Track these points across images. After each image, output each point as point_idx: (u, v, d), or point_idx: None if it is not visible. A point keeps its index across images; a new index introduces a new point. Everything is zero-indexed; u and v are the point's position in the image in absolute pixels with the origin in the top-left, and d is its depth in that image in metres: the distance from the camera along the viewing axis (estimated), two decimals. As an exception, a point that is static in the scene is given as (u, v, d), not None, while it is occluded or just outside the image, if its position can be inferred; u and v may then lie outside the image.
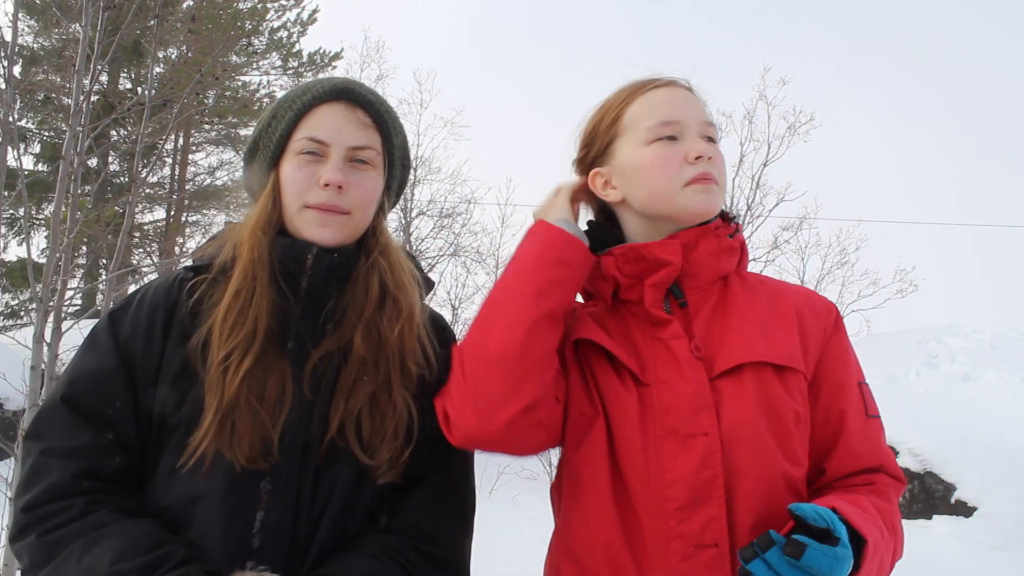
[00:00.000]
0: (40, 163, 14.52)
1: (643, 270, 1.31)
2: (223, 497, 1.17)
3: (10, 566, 4.88)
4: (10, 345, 8.20)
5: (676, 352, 1.26)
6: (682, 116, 1.31)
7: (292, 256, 1.25)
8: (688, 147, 1.29)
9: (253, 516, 1.17)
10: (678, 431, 1.21)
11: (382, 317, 1.28)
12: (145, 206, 14.51)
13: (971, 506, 7.44)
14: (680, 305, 1.32)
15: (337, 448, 1.22)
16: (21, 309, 14.66)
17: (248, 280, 1.23)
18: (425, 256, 14.11)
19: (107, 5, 5.61)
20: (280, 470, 1.19)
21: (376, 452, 1.23)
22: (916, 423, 8.19)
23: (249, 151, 1.35)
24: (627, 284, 1.33)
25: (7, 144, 5.54)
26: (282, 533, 1.18)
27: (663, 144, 1.30)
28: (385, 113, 1.33)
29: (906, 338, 11.21)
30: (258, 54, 16.41)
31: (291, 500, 1.19)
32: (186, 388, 1.21)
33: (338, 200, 1.25)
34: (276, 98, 1.39)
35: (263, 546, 1.17)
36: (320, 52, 17.20)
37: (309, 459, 1.21)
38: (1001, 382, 9.16)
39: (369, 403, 1.24)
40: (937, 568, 6.16)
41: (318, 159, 1.26)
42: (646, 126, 1.32)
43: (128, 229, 6.10)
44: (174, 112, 6.55)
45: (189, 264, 1.32)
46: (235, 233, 1.31)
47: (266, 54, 16.83)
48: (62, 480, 1.16)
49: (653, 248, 1.29)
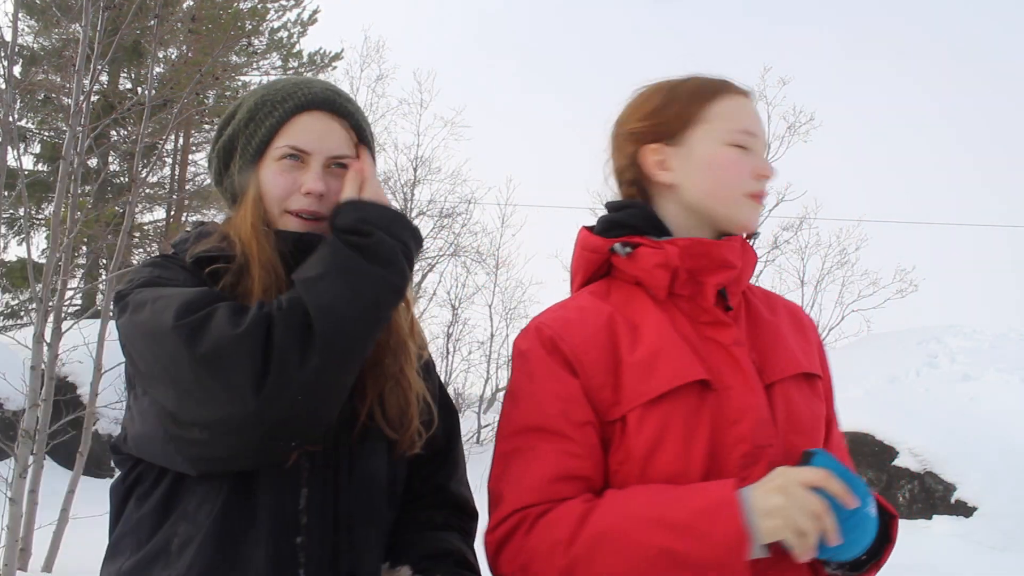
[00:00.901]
0: (40, 163, 14.54)
1: (704, 267, 1.27)
2: (274, 474, 1.18)
3: (10, 566, 4.89)
4: (10, 345, 8.19)
5: (739, 359, 1.23)
6: (759, 132, 1.34)
7: (302, 248, 1.25)
8: (759, 163, 1.31)
9: (298, 493, 1.20)
10: (748, 440, 1.18)
11: None
12: (145, 206, 14.51)
13: (971, 506, 7.44)
14: (726, 309, 1.30)
15: (367, 428, 1.26)
16: (21, 309, 14.68)
17: (272, 278, 1.24)
18: (425, 256, 14.12)
19: (107, 5, 5.62)
20: (316, 451, 1.21)
21: (402, 429, 1.28)
22: (916, 423, 8.19)
23: (224, 149, 1.34)
24: (684, 279, 1.28)
25: (7, 144, 5.54)
26: (326, 510, 1.21)
27: (738, 151, 1.31)
28: (363, 121, 1.37)
29: (906, 338, 11.21)
30: (258, 54, 16.43)
31: (330, 477, 1.22)
32: None
33: (319, 207, 1.28)
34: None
35: (310, 522, 1.20)
36: (320, 52, 17.22)
37: (342, 437, 1.24)
38: (1001, 382, 9.17)
39: (392, 383, 1.29)
40: (937, 568, 6.17)
41: (299, 165, 1.28)
42: (730, 127, 1.30)
43: (128, 229, 6.10)
44: (174, 112, 6.55)
45: (200, 255, 1.28)
46: (233, 233, 1.29)
47: (266, 54, 16.85)
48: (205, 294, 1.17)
49: (722, 247, 1.27)
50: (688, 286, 1.27)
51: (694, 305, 1.27)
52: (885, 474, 7.88)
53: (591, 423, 1.21)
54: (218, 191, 1.38)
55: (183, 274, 1.25)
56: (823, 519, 1.04)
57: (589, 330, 1.25)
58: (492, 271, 14.94)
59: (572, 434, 1.20)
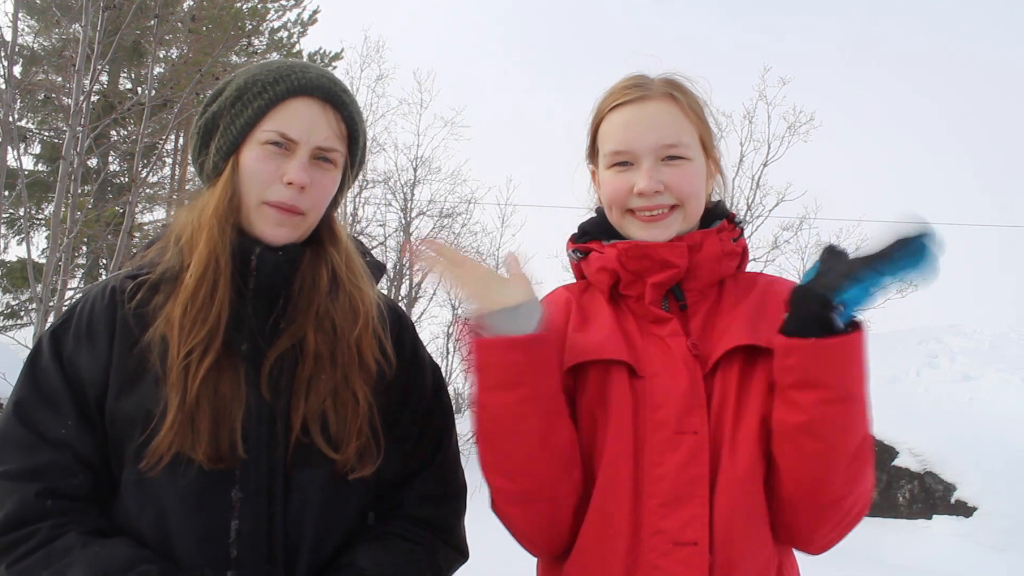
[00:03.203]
0: (40, 163, 14.52)
1: (646, 268, 1.31)
2: (195, 507, 1.13)
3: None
4: (10, 345, 8.20)
5: (673, 348, 1.27)
6: (635, 144, 1.31)
7: (237, 256, 1.20)
8: (636, 178, 1.31)
9: (228, 525, 1.14)
10: (668, 426, 1.22)
11: (336, 309, 1.25)
12: (145, 206, 14.49)
13: (971, 506, 7.44)
14: (680, 307, 1.33)
15: (304, 446, 1.19)
16: (21, 309, 14.66)
17: (210, 274, 1.18)
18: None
19: (107, 5, 5.62)
20: (249, 476, 1.16)
21: (343, 447, 1.20)
22: (916, 423, 8.19)
23: (205, 128, 1.27)
24: (628, 280, 1.33)
25: (7, 144, 5.54)
26: (259, 540, 1.15)
27: (617, 171, 1.33)
28: (356, 114, 1.28)
29: (906, 338, 11.20)
30: (258, 54, 16.40)
31: (263, 505, 1.16)
32: (143, 392, 1.17)
33: (297, 200, 1.21)
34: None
35: (242, 555, 1.14)
36: (320, 52, 17.21)
37: (276, 462, 1.18)
38: (1001, 382, 9.16)
39: (332, 399, 1.21)
40: (937, 568, 6.16)
41: (283, 153, 1.20)
42: (606, 151, 1.35)
43: (128, 229, 6.10)
44: (174, 112, 6.55)
45: (128, 272, 1.26)
46: (183, 229, 1.25)
47: (266, 54, 16.81)
48: (25, 502, 1.11)
49: (660, 249, 1.30)
50: (634, 287, 1.33)
51: (639, 304, 1.33)
52: (885, 474, 7.87)
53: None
54: (194, 169, 1.31)
55: (58, 369, 1.19)
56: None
57: (551, 310, 1.35)
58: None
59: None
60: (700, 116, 1.36)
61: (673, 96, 1.34)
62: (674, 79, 1.37)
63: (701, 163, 1.34)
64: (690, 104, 1.34)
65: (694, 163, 1.32)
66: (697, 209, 1.34)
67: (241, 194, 1.21)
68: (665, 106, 1.33)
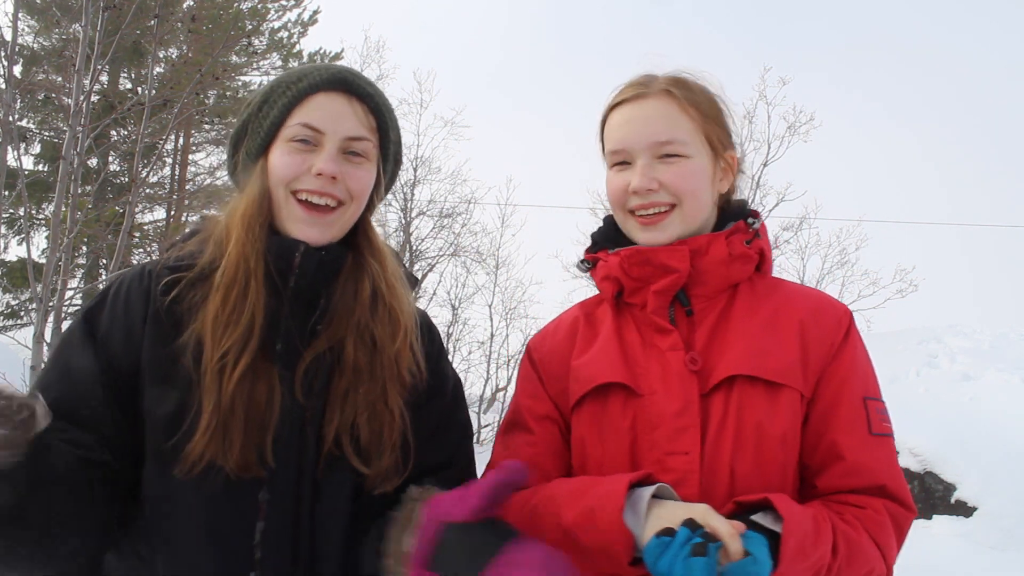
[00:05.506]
0: (40, 163, 14.50)
1: (649, 275, 1.27)
2: (220, 508, 1.13)
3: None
4: (10, 345, 8.20)
5: (671, 364, 1.23)
6: (630, 143, 1.29)
7: (279, 254, 1.19)
8: (631, 177, 1.29)
9: (253, 527, 1.14)
10: (660, 447, 1.19)
11: (376, 322, 1.23)
12: (145, 206, 14.48)
13: (971, 506, 7.43)
14: (687, 313, 1.28)
15: (334, 457, 1.18)
16: (21, 309, 14.65)
17: (241, 275, 1.17)
18: (425, 256, 14.10)
19: (107, 5, 5.62)
20: (277, 479, 1.15)
21: (375, 462, 1.19)
22: (916, 423, 8.18)
23: (236, 136, 1.27)
24: (632, 287, 1.30)
25: (7, 144, 5.54)
26: (283, 544, 1.15)
27: (617, 170, 1.32)
28: (383, 106, 1.27)
29: (906, 338, 11.20)
30: (258, 54, 16.39)
31: (290, 509, 1.15)
32: (174, 391, 1.15)
33: (331, 188, 1.19)
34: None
35: (265, 557, 1.14)
36: (320, 52, 17.19)
37: (306, 467, 1.17)
38: (1001, 382, 9.15)
39: (368, 412, 1.20)
40: (937, 568, 6.15)
41: (311, 148, 1.20)
42: (608, 150, 1.34)
43: (128, 229, 6.10)
44: (174, 112, 6.55)
45: (167, 262, 1.24)
46: (219, 228, 1.24)
47: (266, 54, 16.80)
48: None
49: (660, 253, 1.26)
50: (638, 295, 1.30)
51: (644, 313, 1.30)
52: (885, 474, 7.87)
53: (551, 418, 1.33)
54: (229, 179, 1.31)
55: (90, 348, 1.16)
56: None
57: (558, 339, 1.38)
58: (492, 271, 14.93)
59: (534, 428, 1.34)
60: (705, 113, 1.31)
61: (671, 93, 1.30)
62: (680, 76, 1.33)
63: (702, 161, 1.29)
64: (691, 101, 1.30)
65: (692, 160, 1.28)
66: (696, 208, 1.29)
67: (271, 192, 1.21)
68: (661, 103, 1.30)
